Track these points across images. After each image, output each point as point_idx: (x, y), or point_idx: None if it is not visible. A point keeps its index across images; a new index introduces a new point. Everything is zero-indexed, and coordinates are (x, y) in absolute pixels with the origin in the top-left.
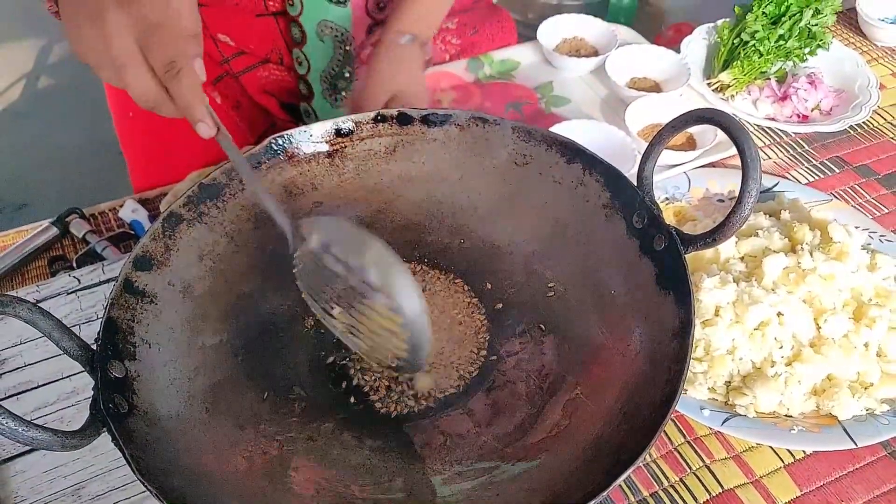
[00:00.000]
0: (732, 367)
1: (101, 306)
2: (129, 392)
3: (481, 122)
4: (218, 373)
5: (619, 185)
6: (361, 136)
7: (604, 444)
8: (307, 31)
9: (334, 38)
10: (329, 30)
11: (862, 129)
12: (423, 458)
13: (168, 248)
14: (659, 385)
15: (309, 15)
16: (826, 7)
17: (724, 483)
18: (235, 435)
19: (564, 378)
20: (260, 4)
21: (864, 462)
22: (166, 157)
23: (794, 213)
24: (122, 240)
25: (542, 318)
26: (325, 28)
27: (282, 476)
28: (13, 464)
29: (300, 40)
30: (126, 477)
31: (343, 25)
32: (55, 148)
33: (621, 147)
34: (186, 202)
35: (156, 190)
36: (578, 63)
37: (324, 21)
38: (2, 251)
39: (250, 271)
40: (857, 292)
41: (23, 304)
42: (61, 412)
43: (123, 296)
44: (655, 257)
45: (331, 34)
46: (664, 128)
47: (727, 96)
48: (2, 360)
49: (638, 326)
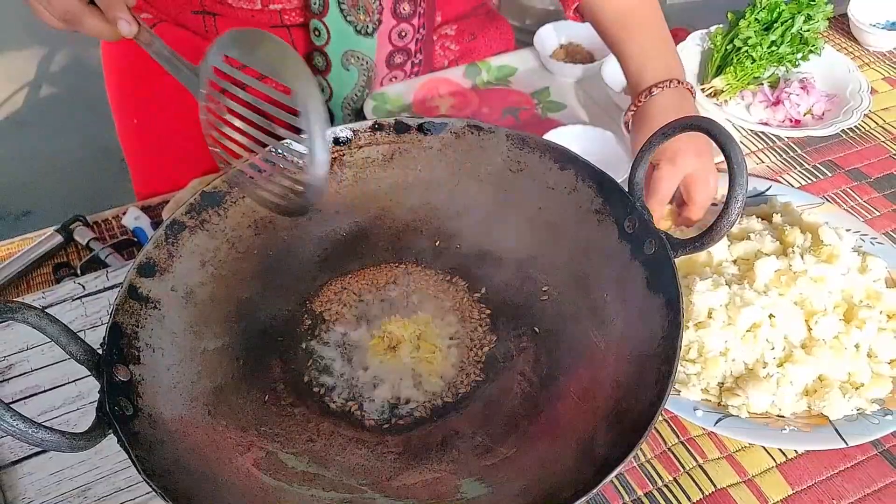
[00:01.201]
0: (725, 369)
1: (105, 312)
2: (134, 395)
3: (476, 129)
4: (220, 376)
5: (611, 191)
6: (359, 144)
7: (595, 443)
8: (332, 61)
9: (360, 67)
10: (355, 59)
11: (854, 133)
12: (420, 458)
13: (171, 254)
14: (649, 386)
15: (335, 45)
16: (818, 13)
17: (717, 482)
18: (237, 436)
19: (557, 379)
20: (276, 17)
21: (856, 461)
22: (169, 164)
23: (785, 217)
24: (126, 247)
25: (536, 320)
26: (351, 57)
27: (282, 476)
28: (21, 466)
29: (324, 69)
30: (131, 478)
31: (369, 55)
32: (58, 156)
33: (615, 152)
34: (188, 210)
35: (158, 197)
36: (574, 69)
37: (350, 51)
38: (7, 258)
39: (251, 277)
40: (848, 294)
41: (31, 309)
42: (67, 416)
43: (128, 302)
44: (646, 261)
45: (356, 63)
46: (654, 135)
47: (720, 101)
48: (9, 365)
49: (629, 329)
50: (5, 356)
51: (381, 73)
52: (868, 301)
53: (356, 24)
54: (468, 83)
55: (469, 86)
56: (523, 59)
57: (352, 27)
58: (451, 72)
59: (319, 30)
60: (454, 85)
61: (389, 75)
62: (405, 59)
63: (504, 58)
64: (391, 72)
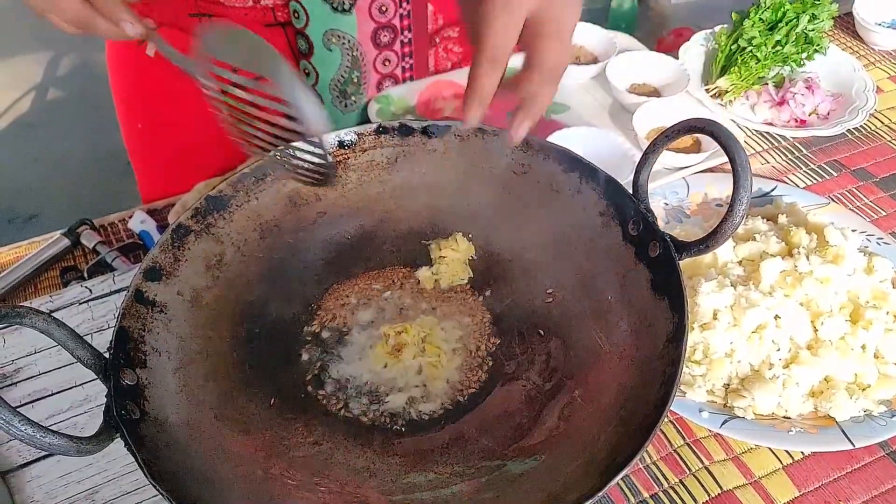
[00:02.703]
0: (731, 370)
1: (112, 316)
2: (141, 399)
3: (480, 132)
4: (225, 380)
5: (616, 194)
6: (364, 147)
7: (601, 445)
8: (314, 42)
9: (342, 46)
10: (336, 38)
11: (859, 132)
12: (426, 461)
13: (177, 259)
14: (654, 388)
15: (315, 25)
16: (822, 12)
17: (723, 484)
18: (243, 440)
19: (563, 382)
20: (269, 14)
21: (862, 462)
22: (174, 167)
23: (791, 217)
24: (132, 250)
25: (541, 323)
26: (332, 37)
27: (288, 479)
28: (28, 469)
29: (307, 52)
30: (137, 482)
31: (349, 32)
32: (64, 159)
33: (620, 153)
34: (194, 214)
35: (163, 201)
36: (578, 70)
37: (330, 30)
38: (16, 262)
39: (256, 280)
40: (854, 295)
41: (39, 314)
42: (74, 419)
43: (134, 306)
44: (650, 264)
45: (338, 42)
46: (658, 138)
47: (725, 102)
48: (17, 368)
49: (634, 331)
50: (13, 360)
51: (370, 55)
52: (874, 302)
53: (332, 2)
54: None
55: None
56: None
57: (328, 5)
58: (454, 74)
59: (298, 11)
60: (458, 87)
61: (381, 56)
62: (392, 36)
63: None
64: (381, 52)
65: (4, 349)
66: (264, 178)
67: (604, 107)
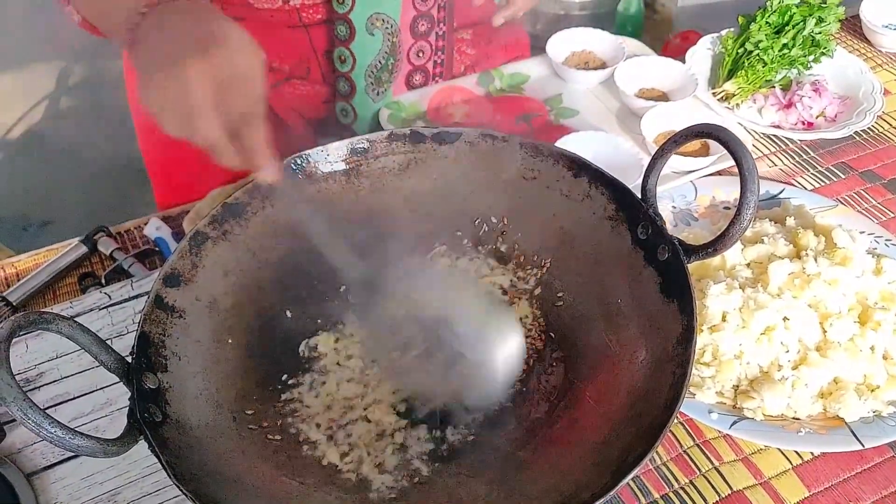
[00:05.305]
0: (740, 372)
1: (131, 321)
2: (163, 402)
3: (490, 138)
4: (243, 383)
5: (624, 198)
6: (376, 154)
7: (611, 446)
8: (356, 27)
9: (385, 31)
10: (380, 22)
11: (867, 134)
12: (441, 460)
13: (195, 265)
14: (664, 389)
15: (360, 9)
16: (829, 15)
17: (733, 485)
18: (261, 441)
19: (573, 384)
20: (294, 16)
21: (872, 463)
22: (189, 174)
23: (798, 220)
24: (147, 256)
25: (552, 326)
26: (376, 20)
27: (307, 480)
28: (53, 471)
29: (346, 37)
30: (158, 483)
31: (393, 16)
32: (78, 166)
33: (628, 157)
34: (211, 221)
35: (178, 207)
36: (587, 75)
37: (375, 14)
38: (34, 269)
39: (272, 286)
40: (863, 296)
41: (64, 320)
42: (96, 422)
43: (154, 311)
44: (659, 267)
45: (381, 26)
46: (666, 143)
47: (732, 105)
48: (39, 373)
49: (643, 334)
50: (36, 364)
51: (406, 44)
52: (883, 303)
53: None
54: (481, 91)
55: (482, 93)
56: (536, 67)
57: None
58: (464, 80)
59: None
60: (468, 93)
61: (415, 46)
62: (429, 27)
63: (517, 65)
64: (416, 42)
65: (27, 354)
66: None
67: (612, 111)
